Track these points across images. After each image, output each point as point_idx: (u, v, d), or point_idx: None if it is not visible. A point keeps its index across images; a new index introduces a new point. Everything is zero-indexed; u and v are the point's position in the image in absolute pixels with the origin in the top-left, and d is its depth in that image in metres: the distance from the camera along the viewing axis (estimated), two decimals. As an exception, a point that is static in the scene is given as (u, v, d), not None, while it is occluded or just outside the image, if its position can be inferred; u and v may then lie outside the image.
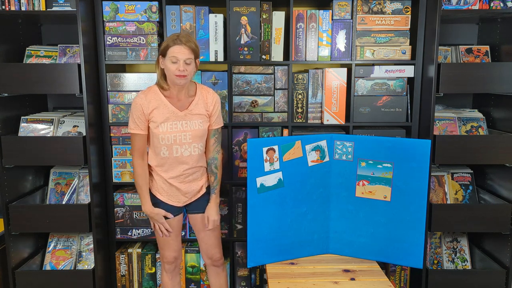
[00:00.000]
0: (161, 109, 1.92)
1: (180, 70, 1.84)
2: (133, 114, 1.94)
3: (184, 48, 1.84)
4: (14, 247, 2.38)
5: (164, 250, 2.12)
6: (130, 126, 1.95)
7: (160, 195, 2.04)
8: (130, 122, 1.95)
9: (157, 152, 1.97)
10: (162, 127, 1.93)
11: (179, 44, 1.84)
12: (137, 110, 1.92)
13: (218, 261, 2.19)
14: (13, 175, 2.37)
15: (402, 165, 1.99)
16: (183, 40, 1.84)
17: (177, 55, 1.83)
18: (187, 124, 1.96)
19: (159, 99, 1.93)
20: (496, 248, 2.46)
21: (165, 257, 2.13)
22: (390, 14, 2.35)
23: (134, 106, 1.93)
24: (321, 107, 2.46)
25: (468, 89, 2.29)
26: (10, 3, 2.16)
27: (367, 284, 1.88)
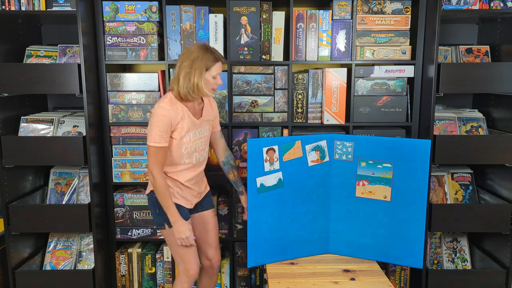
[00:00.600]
0: (185, 119, 1.91)
1: (217, 84, 1.93)
2: (159, 127, 1.85)
3: (221, 64, 1.93)
4: (14, 247, 2.38)
5: (190, 263, 2.01)
6: (154, 140, 1.85)
7: (176, 200, 1.99)
8: (155, 136, 1.85)
9: (178, 161, 1.96)
10: (187, 137, 1.93)
11: (221, 61, 1.91)
12: (164, 123, 1.85)
13: (217, 262, 2.18)
14: (13, 175, 2.37)
15: (402, 165, 1.99)
16: (222, 58, 1.92)
17: (219, 71, 1.91)
18: (201, 131, 2.01)
19: (182, 109, 1.91)
20: (496, 248, 2.46)
21: (192, 270, 2.01)
22: (390, 14, 2.35)
23: (160, 119, 1.85)
24: (321, 107, 2.46)
25: (468, 89, 2.29)
26: (10, 3, 2.16)
27: (367, 284, 1.88)
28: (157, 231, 2.51)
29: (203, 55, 1.85)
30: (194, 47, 1.90)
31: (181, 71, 1.87)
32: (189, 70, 1.85)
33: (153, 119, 1.87)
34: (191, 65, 1.85)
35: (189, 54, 1.87)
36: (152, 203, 2.02)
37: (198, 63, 1.85)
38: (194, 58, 1.85)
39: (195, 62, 1.85)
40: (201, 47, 1.89)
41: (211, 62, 1.86)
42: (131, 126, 2.45)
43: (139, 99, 2.43)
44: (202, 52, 1.86)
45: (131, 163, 2.46)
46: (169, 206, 1.92)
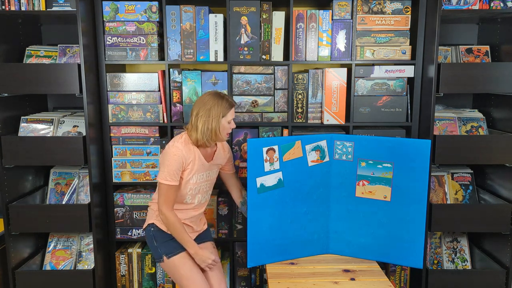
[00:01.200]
0: (196, 161, 1.97)
1: (232, 128, 2.03)
2: (170, 165, 1.91)
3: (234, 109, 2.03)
4: (14, 247, 2.38)
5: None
6: (165, 178, 1.91)
7: None
8: (165, 174, 1.91)
9: (180, 200, 2.01)
10: (194, 178, 1.99)
11: (233, 106, 2.01)
12: (177, 162, 1.91)
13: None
14: (13, 175, 2.37)
15: (402, 165, 1.99)
16: (233, 102, 2.02)
17: (233, 116, 2.02)
18: (209, 174, 2.07)
19: (194, 151, 1.98)
20: (496, 248, 2.46)
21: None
22: (390, 14, 2.35)
23: (173, 158, 1.91)
24: (321, 107, 2.46)
25: (468, 89, 2.29)
26: (10, 3, 2.16)
27: (367, 284, 1.88)
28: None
29: (218, 103, 1.95)
30: (208, 96, 1.98)
31: (198, 120, 1.95)
32: (207, 118, 1.93)
33: (166, 157, 1.93)
34: (208, 114, 1.94)
35: (204, 104, 1.95)
36: (150, 237, 2.06)
37: (215, 111, 1.94)
38: (210, 107, 1.94)
39: (212, 110, 1.94)
40: (215, 95, 1.98)
41: (226, 109, 1.96)
42: (131, 126, 2.45)
43: (139, 99, 2.43)
44: (217, 100, 1.95)
45: (131, 163, 2.46)
46: (186, 240, 1.98)
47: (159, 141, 2.46)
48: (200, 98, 2.00)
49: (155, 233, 2.05)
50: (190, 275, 1.98)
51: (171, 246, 2.02)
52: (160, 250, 2.02)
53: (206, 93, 2.03)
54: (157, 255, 2.04)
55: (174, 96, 2.42)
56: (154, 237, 2.05)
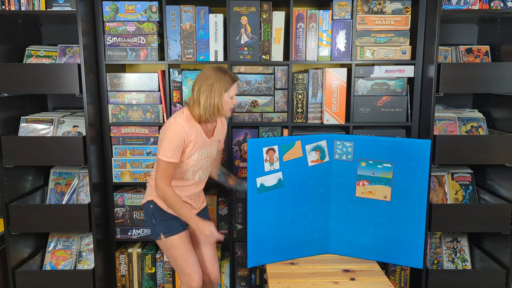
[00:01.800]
0: (198, 137, 1.93)
1: (235, 103, 1.97)
2: (172, 142, 1.85)
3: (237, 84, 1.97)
4: (14, 247, 2.38)
5: (192, 275, 2.00)
6: (166, 155, 1.85)
7: (172, 212, 2.00)
8: (167, 151, 1.85)
9: (181, 176, 1.97)
10: (195, 155, 1.95)
11: (236, 81, 1.95)
12: (178, 139, 1.86)
13: (215, 279, 2.17)
14: (13, 175, 2.37)
15: (402, 165, 1.99)
16: (236, 77, 1.95)
17: (236, 91, 1.96)
18: (209, 150, 2.02)
19: (196, 128, 1.93)
20: (496, 248, 2.46)
21: (194, 281, 1.99)
22: (390, 14, 2.35)
23: (174, 135, 1.86)
24: (321, 107, 2.46)
25: (468, 89, 2.28)
26: (10, 3, 2.16)
27: (367, 284, 1.88)
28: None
29: (221, 78, 1.89)
30: (209, 71, 1.91)
31: (200, 95, 1.89)
32: (209, 93, 1.88)
33: (167, 133, 1.87)
34: (211, 89, 1.88)
35: (206, 78, 1.89)
36: (148, 214, 2.03)
37: (217, 85, 1.88)
38: (213, 82, 1.88)
39: (214, 85, 1.88)
40: (217, 69, 1.92)
41: (229, 83, 1.90)
42: (131, 126, 2.45)
43: (139, 99, 2.43)
44: (220, 75, 1.89)
45: (131, 163, 2.46)
46: (185, 214, 1.93)
47: (159, 141, 2.46)
48: (202, 73, 1.94)
49: (154, 211, 2.01)
50: (185, 256, 2.00)
51: (170, 225, 2.00)
52: (158, 228, 2.00)
53: (208, 67, 1.95)
54: (154, 232, 2.02)
55: (174, 96, 2.43)
56: (153, 214, 2.01)
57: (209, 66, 1.96)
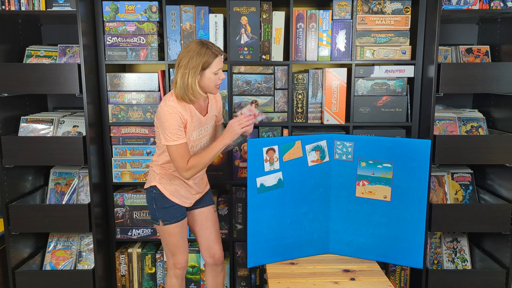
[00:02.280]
0: (193, 117, 1.88)
1: (221, 79, 1.86)
2: (171, 125, 1.79)
3: (222, 57, 1.84)
4: (14, 247, 2.38)
5: (177, 255, 2.04)
6: (171, 139, 1.79)
7: (175, 199, 1.99)
8: (170, 135, 1.79)
9: None
10: (193, 135, 1.92)
11: (219, 55, 1.82)
12: (175, 119, 1.80)
13: (219, 259, 2.18)
14: (13, 175, 2.37)
15: (402, 165, 1.99)
16: (219, 51, 1.81)
17: (220, 66, 1.83)
18: (207, 128, 1.99)
19: (187, 107, 1.86)
20: (496, 248, 2.46)
21: (178, 263, 2.05)
22: (390, 14, 2.35)
23: (169, 117, 1.79)
24: (321, 107, 2.46)
25: (468, 89, 2.28)
26: (10, 3, 2.16)
27: (367, 284, 1.88)
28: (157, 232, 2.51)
29: (199, 52, 1.77)
30: (192, 44, 1.81)
31: (178, 72, 1.81)
32: (184, 71, 1.78)
33: (163, 119, 1.81)
34: (186, 65, 1.77)
35: (187, 52, 1.79)
36: (151, 198, 2.01)
37: (193, 62, 1.77)
38: (189, 58, 1.77)
39: (191, 61, 1.77)
40: (197, 43, 1.80)
41: (210, 58, 1.78)
42: (131, 126, 2.45)
43: (139, 99, 2.43)
44: (198, 49, 1.77)
45: (131, 163, 2.46)
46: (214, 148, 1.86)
47: (159, 141, 2.46)
48: (186, 45, 1.82)
49: (156, 196, 1.98)
50: (178, 243, 2.02)
51: (169, 214, 1.99)
52: (157, 214, 1.99)
53: (193, 41, 1.84)
54: (153, 217, 2.02)
55: (174, 96, 2.42)
56: (155, 199, 1.99)
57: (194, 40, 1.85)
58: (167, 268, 2.12)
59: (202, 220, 2.14)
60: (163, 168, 1.98)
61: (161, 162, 1.98)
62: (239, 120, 1.88)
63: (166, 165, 1.98)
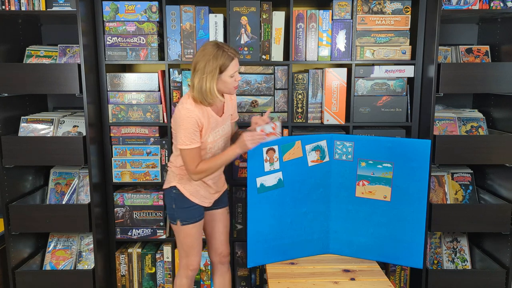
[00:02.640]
0: (209, 119, 1.89)
1: (238, 80, 1.87)
2: (187, 129, 1.80)
3: (237, 60, 1.84)
4: (14, 247, 2.38)
5: (191, 257, 2.04)
6: (184, 143, 1.81)
7: (194, 198, 2.00)
8: (184, 139, 1.81)
9: None
10: (210, 137, 1.92)
11: (235, 58, 1.82)
12: (191, 124, 1.81)
13: (225, 258, 2.20)
14: (13, 175, 2.37)
15: (402, 165, 1.99)
16: (235, 53, 1.82)
17: (236, 69, 1.83)
18: (223, 128, 1.99)
19: (206, 110, 1.87)
20: (496, 248, 2.46)
21: (191, 265, 2.05)
22: (390, 14, 2.35)
23: (186, 121, 1.80)
24: (321, 107, 2.46)
25: (468, 89, 2.28)
26: (10, 3, 2.16)
27: (367, 284, 1.88)
28: (157, 231, 2.51)
29: (216, 56, 1.77)
30: (208, 46, 1.80)
31: (195, 76, 1.81)
32: (202, 75, 1.78)
33: (179, 121, 1.82)
34: (203, 70, 1.78)
35: (203, 55, 1.79)
36: (170, 198, 2.02)
37: (210, 66, 1.77)
38: (206, 62, 1.77)
39: (207, 65, 1.77)
40: (213, 46, 1.80)
41: (227, 61, 1.79)
42: (131, 126, 2.45)
43: (139, 99, 2.43)
44: (214, 53, 1.78)
45: (131, 163, 2.46)
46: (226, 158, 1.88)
47: (159, 141, 2.46)
48: (202, 48, 1.82)
49: (176, 196, 1.99)
50: (194, 244, 2.02)
51: (188, 214, 1.99)
52: (176, 214, 1.99)
53: (207, 42, 1.84)
54: (172, 217, 2.02)
55: (174, 96, 2.43)
56: (174, 200, 1.99)
57: (209, 42, 1.85)
58: (179, 268, 2.10)
59: (215, 221, 2.15)
60: (181, 169, 1.98)
61: (179, 165, 1.98)
62: (252, 136, 1.87)
63: (184, 167, 1.96)
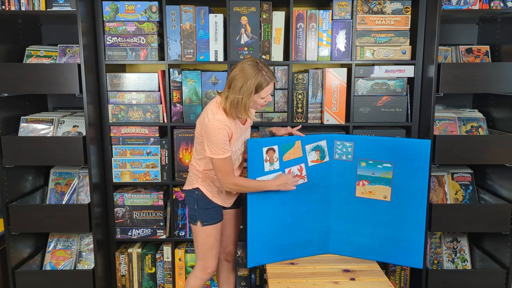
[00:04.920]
0: (237, 129, 1.94)
1: (268, 101, 1.94)
2: (218, 140, 1.84)
3: (273, 84, 1.90)
4: (14, 247, 2.38)
5: (209, 259, 2.05)
6: (217, 153, 1.85)
7: (217, 200, 2.03)
8: (217, 150, 1.84)
9: None
10: (236, 145, 1.95)
11: (272, 81, 1.87)
12: (223, 135, 1.84)
13: (232, 256, 2.24)
14: (13, 175, 2.37)
15: (402, 165, 1.99)
16: (272, 77, 1.86)
17: (269, 92, 1.88)
18: (246, 135, 2.05)
19: (232, 120, 1.91)
20: (496, 248, 2.46)
21: (209, 267, 2.05)
22: (390, 14, 2.35)
23: (219, 133, 1.84)
24: (321, 107, 2.46)
25: (468, 89, 2.28)
26: (10, 3, 2.16)
27: (367, 284, 1.88)
28: (157, 231, 2.51)
29: (255, 77, 1.81)
30: (248, 67, 1.83)
31: (230, 92, 1.84)
32: (239, 92, 1.82)
33: (210, 133, 1.85)
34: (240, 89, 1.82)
35: (243, 75, 1.82)
36: (192, 199, 2.04)
37: (247, 86, 1.81)
38: (244, 82, 1.81)
39: (244, 86, 1.81)
40: (254, 67, 1.83)
41: (262, 84, 1.83)
42: (131, 126, 2.45)
43: (139, 99, 2.44)
44: (254, 74, 1.82)
45: (131, 163, 2.46)
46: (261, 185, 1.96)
47: (159, 141, 2.46)
48: (240, 66, 1.85)
49: (199, 198, 2.01)
50: (213, 245, 2.04)
51: (210, 215, 2.02)
52: (198, 215, 2.01)
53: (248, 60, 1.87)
54: (193, 218, 2.04)
55: (174, 96, 2.43)
56: (197, 201, 2.01)
57: (248, 59, 1.88)
58: (194, 269, 2.09)
59: (229, 220, 2.19)
60: (204, 173, 2.01)
61: (202, 169, 2.01)
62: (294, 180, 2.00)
63: (207, 171, 2.00)
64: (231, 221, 2.20)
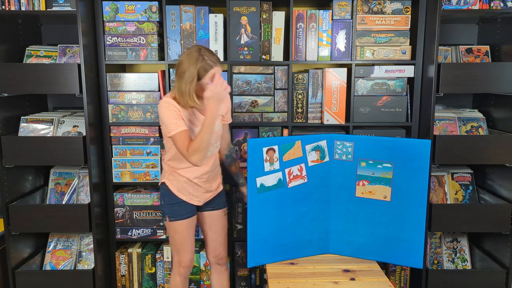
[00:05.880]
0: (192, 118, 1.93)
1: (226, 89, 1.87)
2: (169, 116, 1.85)
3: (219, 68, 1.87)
4: (14, 247, 2.38)
5: (182, 255, 2.07)
6: (171, 128, 1.84)
7: (182, 195, 2.02)
8: (170, 126, 1.84)
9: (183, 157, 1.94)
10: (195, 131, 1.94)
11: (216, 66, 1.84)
12: (172, 111, 1.85)
13: (222, 259, 2.21)
14: (13, 175, 2.37)
15: (402, 165, 1.99)
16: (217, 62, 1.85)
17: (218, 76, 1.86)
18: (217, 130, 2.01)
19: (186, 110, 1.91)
20: (496, 248, 2.46)
21: (183, 262, 2.08)
22: (390, 14, 2.35)
23: (167, 110, 1.85)
24: (321, 107, 2.46)
25: (468, 89, 2.28)
26: (10, 3, 2.16)
27: (367, 284, 1.88)
28: (157, 231, 2.52)
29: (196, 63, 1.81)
30: (190, 54, 1.84)
31: (176, 80, 1.87)
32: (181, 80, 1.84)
33: (162, 114, 1.88)
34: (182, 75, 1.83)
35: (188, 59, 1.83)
36: (161, 194, 2.07)
37: (189, 73, 1.82)
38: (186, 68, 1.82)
39: (186, 72, 1.82)
40: (195, 52, 1.83)
41: (207, 68, 1.82)
42: (131, 126, 2.45)
43: (139, 99, 2.44)
44: (195, 61, 1.81)
45: (131, 163, 2.46)
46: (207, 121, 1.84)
47: (159, 141, 2.46)
48: (185, 53, 1.86)
49: (164, 193, 2.04)
50: (183, 241, 2.05)
51: (175, 211, 2.02)
52: (164, 210, 2.05)
53: (193, 46, 1.89)
54: (163, 213, 2.07)
55: (174, 96, 2.42)
56: (163, 196, 2.05)
57: (192, 46, 1.90)
58: (172, 266, 2.13)
59: (211, 223, 2.16)
60: (169, 165, 2.04)
61: (167, 159, 2.04)
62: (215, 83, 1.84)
63: (170, 162, 2.02)
64: (215, 223, 2.16)
